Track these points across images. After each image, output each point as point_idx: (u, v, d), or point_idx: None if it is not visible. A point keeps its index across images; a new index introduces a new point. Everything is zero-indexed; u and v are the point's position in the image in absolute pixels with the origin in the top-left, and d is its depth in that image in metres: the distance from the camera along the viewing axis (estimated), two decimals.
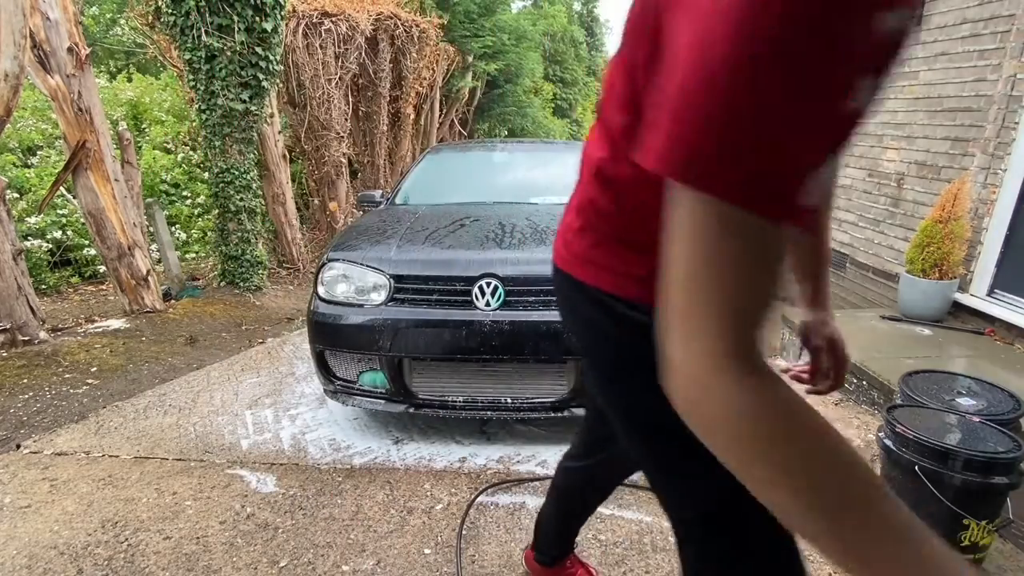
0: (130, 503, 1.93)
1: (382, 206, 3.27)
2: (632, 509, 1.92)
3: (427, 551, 1.71)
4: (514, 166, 3.72)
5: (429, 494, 2.00)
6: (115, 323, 3.99)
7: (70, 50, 3.58)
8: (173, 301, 4.55)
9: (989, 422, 1.68)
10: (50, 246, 5.26)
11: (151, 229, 4.97)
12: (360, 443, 2.37)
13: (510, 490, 2.04)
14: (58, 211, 5.48)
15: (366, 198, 3.37)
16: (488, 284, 2.16)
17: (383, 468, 2.18)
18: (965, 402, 1.86)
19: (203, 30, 4.25)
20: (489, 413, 2.22)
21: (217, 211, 4.91)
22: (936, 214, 3.35)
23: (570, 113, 16.98)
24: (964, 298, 3.51)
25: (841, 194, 4.53)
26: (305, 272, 6.11)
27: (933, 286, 3.45)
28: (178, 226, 6.82)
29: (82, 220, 4.30)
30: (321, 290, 2.34)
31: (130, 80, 10.25)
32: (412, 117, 8.11)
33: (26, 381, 2.97)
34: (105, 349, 3.46)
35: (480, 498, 1.97)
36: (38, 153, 6.51)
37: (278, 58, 4.73)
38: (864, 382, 2.72)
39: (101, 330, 3.83)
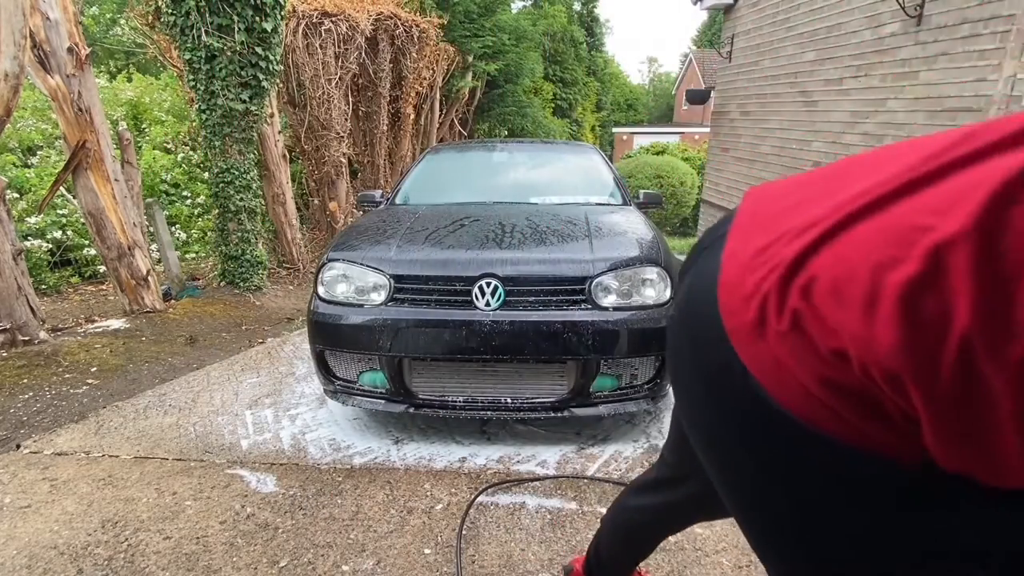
0: (130, 503, 1.93)
1: (382, 206, 3.27)
2: None
3: (427, 551, 1.71)
4: (514, 166, 3.73)
5: (429, 494, 2.00)
6: (115, 323, 3.99)
7: (70, 50, 3.58)
8: (173, 301, 4.55)
9: None
10: (50, 246, 5.26)
11: (151, 229, 4.97)
12: (360, 443, 2.37)
13: (510, 490, 2.04)
14: (58, 211, 5.48)
15: (366, 198, 3.37)
16: (488, 284, 2.16)
17: (383, 468, 2.18)
18: None
19: (203, 30, 4.25)
20: (489, 413, 2.23)
21: (217, 211, 4.91)
22: None
23: (570, 113, 16.98)
24: None
25: None
26: (305, 272, 6.11)
27: None
28: (178, 226, 6.82)
29: (82, 220, 4.30)
30: (321, 290, 2.34)
31: (130, 80, 10.25)
32: (412, 117, 8.11)
33: (26, 381, 2.97)
34: (105, 349, 3.46)
35: (480, 498, 1.97)
36: (38, 153, 6.51)
37: (278, 58, 4.73)
38: None
39: (101, 330, 3.83)
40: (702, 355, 0.65)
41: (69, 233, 5.43)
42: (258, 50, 4.48)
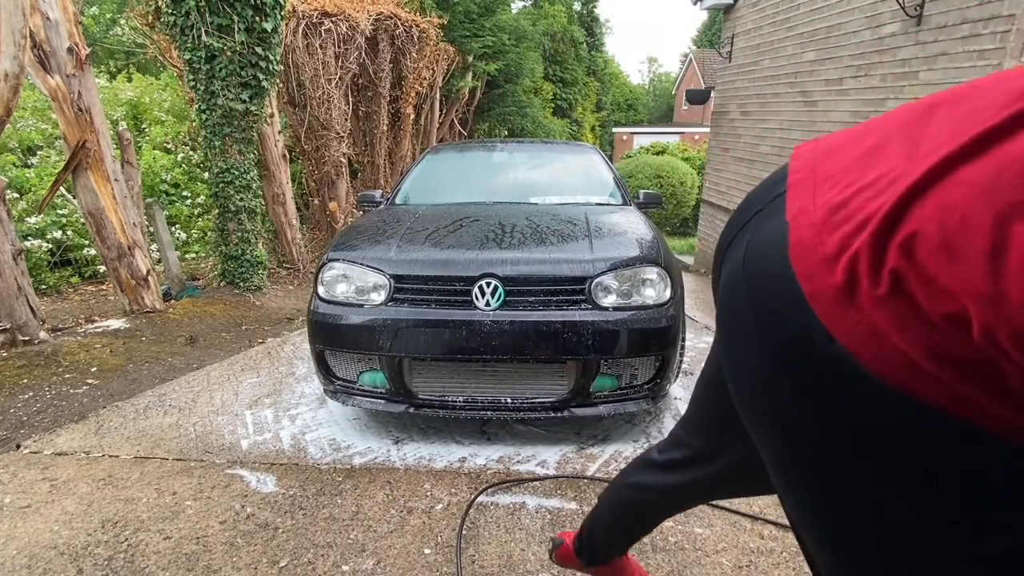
0: (130, 503, 1.93)
1: (382, 206, 3.27)
2: None
3: (427, 551, 1.71)
4: (514, 166, 3.73)
5: (429, 494, 2.00)
6: (115, 323, 3.99)
7: (70, 50, 3.58)
8: (173, 301, 4.55)
9: None
10: (50, 246, 5.26)
11: (151, 229, 4.97)
12: (360, 443, 2.37)
13: (510, 490, 2.04)
14: (58, 211, 5.47)
15: (366, 198, 3.37)
16: (488, 284, 2.16)
17: (383, 468, 2.18)
18: None
19: (203, 30, 4.25)
20: (489, 413, 2.23)
21: (217, 211, 4.91)
22: None
23: (570, 113, 16.98)
24: None
25: None
26: (305, 272, 6.11)
27: None
28: (178, 226, 6.82)
29: (82, 220, 4.30)
30: (321, 290, 2.34)
31: (130, 80, 10.25)
32: (412, 117, 8.11)
33: (26, 381, 2.97)
34: (105, 349, 3.46)
35: (480, 498, 1.97)
36: (38, 153, 6.51)
37: (278, 58, 4.73)
38: None
39: (101, 330, 3.83)
40: (772, 326, 0.58)
41: (69, 233, 5.43)
42: (258, 50, 4.48)
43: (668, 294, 2.26)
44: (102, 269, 5.08)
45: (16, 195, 5.46)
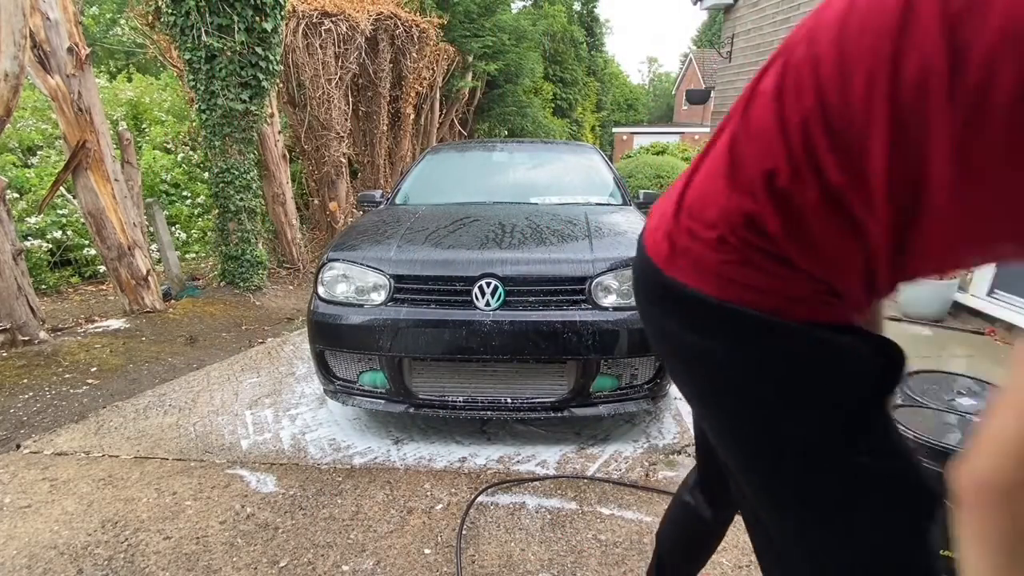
0: (130, 503, 1.93)
1: (382, 206, 3.27)
2: (632, 509, 1.92)
3: (427, 551, 1.71)
4: (514, 166, 3.73)
5: (429, 494, 2.00)
6: (115, 323, 3.99)
7: (70, 50, 3.58)
8: (173, 301, 4.55)
9: None
10: (50, 246, 5.25)
11: (151, 229, 4.97)
12: (360, 443, 2.37)
13: (510, 490, 2.04)
14: (58, 211, 5.47)
15: (366, 198, 3.37)
16: (488, 284, 2.16)
17: (383, 468, 2.18)
18: (965, 402, 1.85)
19: (203, 30, 4.25)
20: (489, 413, 2.22)
21: (217, 211, 4.91)
22: None
23: (570, 113, 16.99)
24: (964, 298, 3.52)
25: None
26: (305, 272, 6.11)
27: (933, 286, 3.45)
28: (178, 226, 6.82)
29: (82, 220, 4.30)
30: (321, 290, 2.34)
31: (130, 80, 10.25)
32: (412, 117, 8.10)
33: (26, 381, 2.97)
34: (105, 349, 3.46)
35: (480, 498, 1.97)
36: (38, 153, 6.50)
37: (278, 58, 4.73)
38: None
39: (101, 330, 3.83)
40: (649, 291, 0.82)
41: (69, 233, 5.43)
42: (258, 50, 4.48)
43: None
44: (102, 269, 5.08)
45: (16, 195, 5.46)
